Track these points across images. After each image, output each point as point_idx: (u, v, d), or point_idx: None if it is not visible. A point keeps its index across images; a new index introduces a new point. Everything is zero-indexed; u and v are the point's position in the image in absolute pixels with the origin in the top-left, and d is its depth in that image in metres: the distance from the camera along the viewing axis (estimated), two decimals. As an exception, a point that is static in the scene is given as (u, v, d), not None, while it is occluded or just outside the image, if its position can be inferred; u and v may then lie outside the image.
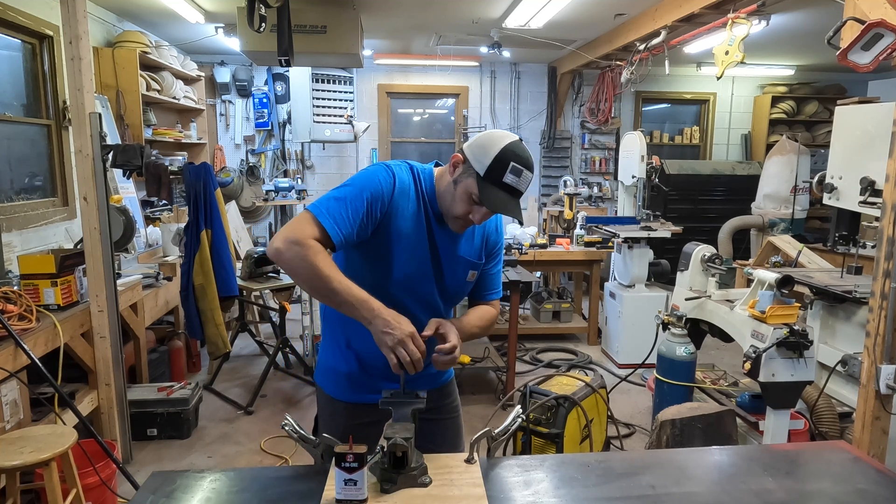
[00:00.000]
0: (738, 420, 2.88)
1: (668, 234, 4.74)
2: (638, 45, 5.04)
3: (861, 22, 2.05)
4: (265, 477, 1.37)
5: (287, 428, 1.33)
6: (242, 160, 7.02)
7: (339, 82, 6.35)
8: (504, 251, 1.80)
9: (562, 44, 5.87)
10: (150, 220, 4.92)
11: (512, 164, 1.39)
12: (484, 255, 1.64)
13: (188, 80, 6.10)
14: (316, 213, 1.36)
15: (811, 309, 2.99)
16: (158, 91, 5.28)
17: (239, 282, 4.18)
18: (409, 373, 1.35)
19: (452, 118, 7.57)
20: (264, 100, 6.89)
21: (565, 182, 5.62)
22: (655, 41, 4.77)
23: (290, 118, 6.74)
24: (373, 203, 1.41)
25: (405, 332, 1.33)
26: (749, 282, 2.97)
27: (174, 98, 5.60)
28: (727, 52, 3.80)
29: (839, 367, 2.70)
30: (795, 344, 2.49)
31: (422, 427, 1.55)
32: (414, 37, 5.99)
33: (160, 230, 4.73)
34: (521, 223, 1.56)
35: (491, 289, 1.71)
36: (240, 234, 5.86)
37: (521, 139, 1.46)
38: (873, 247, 3.31)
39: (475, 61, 7.06)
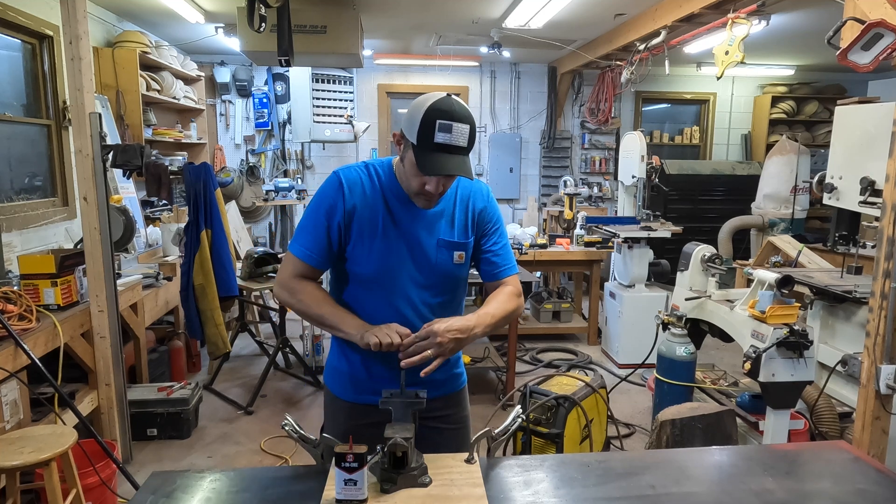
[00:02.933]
0: (738, 420, 2.88)
1: (668, 234, 4.74)
2: (638, 45, 5.04)
3: (861, 22, 2.05)
4: (265, 477, 1.37)
5: (287, 428, 1.33)
6: (242, 160, 7.02)
7: (339, 82, 6.34)
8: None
9: (562, 44, 5.87)
10: (150, 220, 4.92)
11: (438, 122, 1.34)
12: (472, 233, 1.59)
13: (188, 80, 6.10)
14: (291, 250, 1.53)
15: (811, 309, 2.99)
16: (158, 91, 5.28)
17: (239, 282, 4.18)
18: (385, 351, 1.40)
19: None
20: (264, 100, 6.89)
21: (565, 182, 5.62)
22: (655, 41, 4.76)
23: (290, 118, 6.74)
24: (330, 217, 1.49)
25: (384, 328, 1.44)
26: (749, 282, 2.96)
27: (174, 98, 5.60)
28: (727, 52, 3.80)
29: (839, 367, 2.69)
30: (795, 344, 2.49)
31: (428, 435, 1.54)
32: (414, 37, 5.99)
33: (160, 230, 4.73)
34: (470, 178, 1.46)
35: (500, 266, 1.63)
36: (240, 234, 5.86)
37: (449, 94, 1.40)
38: (873, 247, 3.31)
39: (475, 61, 7.06)
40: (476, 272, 1.69)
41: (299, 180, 6.86)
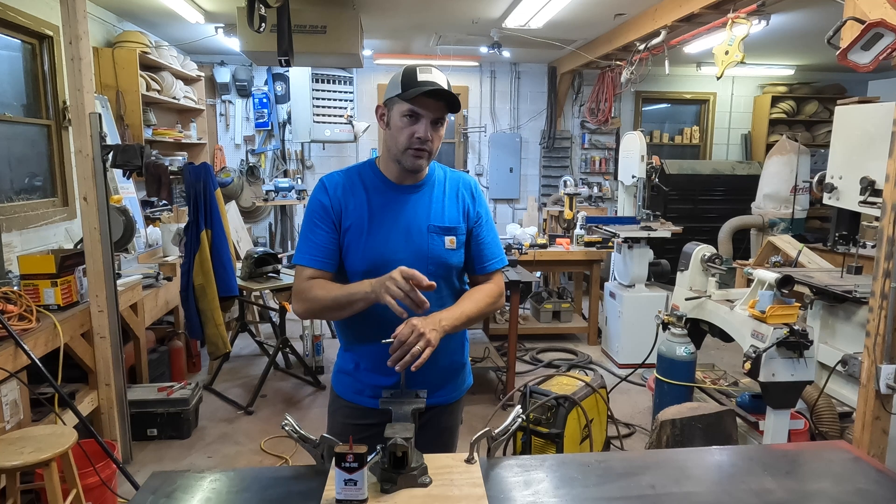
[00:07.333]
0: (738, 420, 2.88)
1: (668, 234, 4.74)
2: (638, 45, 5.04)
3: (861, 22, 2.05)
4: (265, 477, 1.36)
5: (287, 428, 1.33)
6: (242, 160, 7.02)
7: (339, 82, 6.34)
8: (507, 250, 1.76)
9: (562, 44, 5.87)
10: (150, 220, 4.91)
11: (417, 68, 1.47)
12: (463, 221, 1.60)
13: (188, 80, 6.09)
14: (297, 261, 1.55)
15: (811, 309, 2.98)
16: (158, 91, 5.28)
17: (239, 282, 4.17)
18: (414, 311, 1.35)
19: (452, 118, 7.57)
20: (264, 100, 6.89)
21: (565, 182, 5.62)
22: (655, 41, 4.76)
23: (290, 118, 6.74)
24: (323, 217, 1.54)
25: (387, 276, 1.37)
26: (749, 282, 2.96)
27: (174, 98, 5.60)
28: (727, 52, 3.80)
29: (839, 367, 2.69)
30: (795, 344, 2.49)
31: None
32: (414, 37, 5.99)
33: (160, 230, 4.73)
34: (457, 107, 1.48)
35: (487, 259, 1.63)
36: (240, 234, 5.86)
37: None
38: (873, 247, 3.31)
39: (475, 61, 7.06)
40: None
41: (299, 180, 6.86)
